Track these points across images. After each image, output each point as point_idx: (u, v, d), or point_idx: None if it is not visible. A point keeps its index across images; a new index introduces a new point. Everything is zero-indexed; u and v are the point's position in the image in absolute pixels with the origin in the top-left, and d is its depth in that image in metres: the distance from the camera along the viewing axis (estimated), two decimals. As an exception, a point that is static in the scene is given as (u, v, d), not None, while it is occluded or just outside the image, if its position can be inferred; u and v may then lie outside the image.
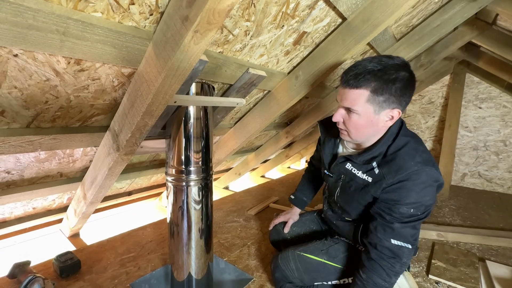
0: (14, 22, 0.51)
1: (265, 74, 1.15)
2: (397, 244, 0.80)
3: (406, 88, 0.75)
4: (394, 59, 0.76)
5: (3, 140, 0.78)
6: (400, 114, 0.79)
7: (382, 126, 0.81)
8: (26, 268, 1.09)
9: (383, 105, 0.76)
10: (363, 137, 0.85)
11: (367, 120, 0.79)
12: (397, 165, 0.78)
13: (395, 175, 0.78)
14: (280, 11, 0.87)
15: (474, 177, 2.61)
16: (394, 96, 0.75)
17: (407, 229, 0.79)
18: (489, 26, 1.65)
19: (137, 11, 0.63)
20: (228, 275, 1.27)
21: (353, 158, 0.88)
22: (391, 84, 0.74)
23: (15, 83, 0.67)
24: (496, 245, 1.50)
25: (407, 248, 0.80)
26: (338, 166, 0.95)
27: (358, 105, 0.78)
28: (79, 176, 1.28)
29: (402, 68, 0.75)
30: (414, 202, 0.77)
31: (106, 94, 0.86)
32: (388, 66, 0.74)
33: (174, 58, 0.63)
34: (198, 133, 0.98)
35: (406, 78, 0.75)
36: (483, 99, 2.46)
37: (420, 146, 0.82)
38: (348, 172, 0.91)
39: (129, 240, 1.46)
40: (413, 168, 0.76)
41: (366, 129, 0.81)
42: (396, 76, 0.74)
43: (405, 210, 0.78)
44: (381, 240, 0.81)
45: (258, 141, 2.30)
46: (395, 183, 0.78)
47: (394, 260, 0.81)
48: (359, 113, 0.79)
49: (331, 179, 0.99)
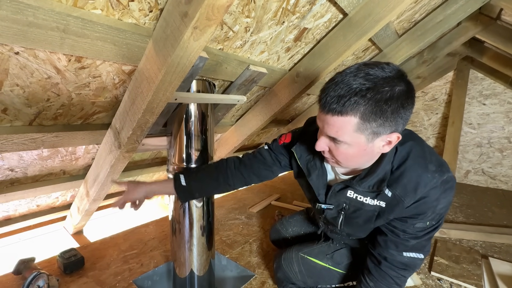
0: (14, 20, 0.51)
1: (266, 71, 1.15)
2: (410, 257, 0.75)
3: (405, 106, 0.58)
4: (384, 69, 0.58)
5: (6, 137, 0.79)
6: (399, 139, 0.63)
7: (377, 152, 0.67)
8: (30, 264, 1.11)
9: (378, 131, 0.60)
10: (355, 165, 0.72)
11: (358, 150, 0.63)
12: (413, 182, 0.66)
13: (414, 194, 0.67)
14: (281, 7, 0.86)
15: (477, 174, 2.58)
16: (390, 119, 0.58)
17: (422, 242, 0.75)
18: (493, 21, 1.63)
19: (136, 8, 0.63)
20: (230, 272, 1.27)
21: (354, 185, 0.73)
22: (386, 106, 0.56)
23: (17, 81, 0.68)
24: (499, 242, 1.48)
25: (420, 259, 0.76)
26: (337, 196, 0.78)
27: (345, 135, 0.61)
28: (82, 173, 1.29)
29: (397, 80, 0.57)
30: (431, 214, 0.70)
31: (107, 92, 0.86)
32: (379, 82, 0.56)
33: (174, 54, 0.63)
34: (199, 131, 0.99)
35: (404, 93, 0.57)
36: (487, 95, 2.43)
37: (424, 146, 0.71)
38: (352, 201, 0.76)
39: (132, 237, 1.47)
40: (432, 181, 0.66)
41: (358, 158, 0.67)
42: (391, 94, 0.56)
43: (421, 224, 0.71)
44: (393, 255, 0.76)
45: (260, 138, 2.30)
46: (416, 201, 0.68)
47: (405, 271, 0.77)
48: (347, 142, 0.62)
49: (331, 212, 0.83)
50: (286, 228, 1.23)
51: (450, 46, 1.85)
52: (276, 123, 2.06)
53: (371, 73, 0.57)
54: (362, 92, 0.56)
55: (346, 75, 0.59)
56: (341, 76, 0.59)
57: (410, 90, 0.59)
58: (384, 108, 0.57)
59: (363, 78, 0.57)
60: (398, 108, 0.58)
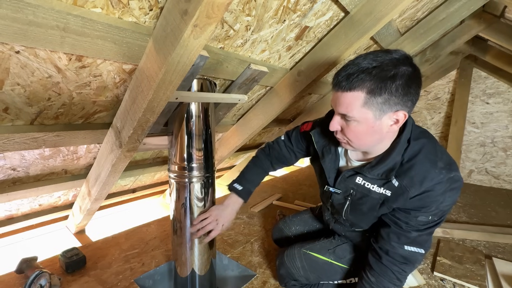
0: (14, 18, 0.51)
1: (267, 70, 1.14)
2: (410, 251, 0.76)
3: (409, 85, 0.63)
4: (392, 53, 0.65)
5: (7, 137, 0.79)
6: (406, 117, 0.67)
7: (387, 132, 0.70)
8: (33, 263, 1.11)
9: (384, 107, 0.65)
10: (367, 146, 0.74)
11: (367, 127, 0.68)
12: (420, 175, 0.69)
13: (419, 187, 0.69)
14: (281, 5, 0.86)
15: (481, 174, 2.56)
16: (395, 96, 0.63)
17: (424, 236, 0.76)
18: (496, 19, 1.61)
19: (136, 6, 0.63)
20: (231, 271, 1.27)
21: (365, 172, 0.76)
22: (390, 82, 0.62)
23: (18, 80, 0.68)
24: (503, 242, 1.47)
25: (420, 254, 0.77)
26: (346, 181, 0.82)
27: (354, 110, 0.66)
28: (84, 173, 1.29)
29: (403, 62, 0.63)
30: (434, 209, 0.72)
31: (108, 91, 0.86)
32: (385, 62, 0.63)
33: (174, 53, 0.63)
34: (200, 130, 0.98)
35: (408, 73, 0.63)
36: (491, 94, 2.41)
37: (436, 145, 0.74)
38: (360, 187, 0.79)
39: (133, 237, 1.48)
40: (439, 176, 0.68)
41: (369, 136, 0.70)
42: (395, 72, 0.62)
43: (423, 218, 0.73)
44: (395, 247, 0.77)
45: (261, 138, 2.30)
46: (420, 193, 0.71)
47: (406, 265, 0.78)
48: (356, 119, 0.67)
49: (338, 196, 0.87)
50: (290, 227, 1.23)
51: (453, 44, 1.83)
52: (277, 122, 2.06)
53: (379, 55, 0.64)
54: (369, 70, 0.63)
55: (357, 59, 0.66)
56: (353, 60, 0.67)
57: (415, 71, 0.65)
58: (389, 84, 0.62)
59: (371, 59, 0.64)
60: (403, 85, 0.63)
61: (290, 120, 2.19)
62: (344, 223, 0.93)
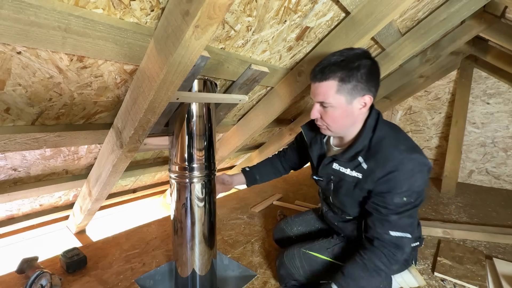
0: (16, 19, 0.51)
1: (267, 70, 1.14)
2: (396, 236, 0.81)
3: (371, 74, 0.79)
4: (354, 50, 0.81)
5: (9, 137, 0.79)
6: (371, 100, 0.82)
7: (358, 115, 0.84)
8: (34, 263, 1.11)
9: (353, 92, 0.79)
10: (342, 129, 0.87)
11: (342, 111, 0.82)
12: (383, 156, 0.80)
13: (383, 167, 0.79)
14: (282, 6, 0.86)
15: (481, 174, 2.56)
16: (361, 82, 0.78)
17: (404, 219, 0.81)
18: (497, 19, 1.61)
19: (138, 7, 0.63)
20: (232, 272, 1.27)
21: (339, 157, 0.89)
22: (356, 71, 0.77)
23: (19, 81, 0.68)
24: (504, 243, 1.47)
25: (407, 238, 0.81)
26: (326, 168, 0.94)
27: (330, 97, 0.80)
28: (84, 173, 1.29)
29: (363, 56, 0.79)
30: (406, 190, 0.78)
31: (109, 91, 0.87)
32: (350, 56, 0.78)
33: (175, 53, 0.63)
34: (201, 130, 0.98)
35: (369, 64, 0.79)
36: (491, 94, 2.41)
37: (401, 134, 0.84)
38: (337, 172, 0.91)
39: (134, 237, 1.48)
40: (399, 157, 0.77)
41: (343, 119, 0.84)
42: (359, 63, 0.77)
43: (398, 200, 0.79)
44: (380, 234, 0.82)
45: (262, 138, 2.30)
46: (385, 174, 0.79)
47: (396, 250, 0.82)
48: (332, 105, 0.81)
49: (322, 183, 0.99)
50: (291, 227, 1.23)
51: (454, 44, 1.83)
52: (278, 123, 2.06)
53: (345, 52, 0.80)
54: (338, 62, 0.79)
55: (328, 56, 0.82)
56: (325, 57, 0.82)
57: (374, 63, 0.81)
58: (355, 73, 0.77)
59: (339, 55, 0.80)
60: (366, 74, 0.78)
61: (291, 120, 2.19)
62: (337, 211, 1.02)
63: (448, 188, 2.33)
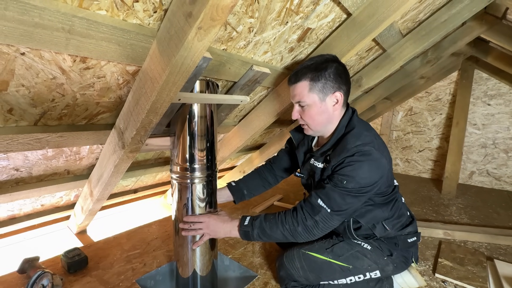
0: (20, 21, 0.51)
1: (269, 71, 1.15)
2: (319, 204, 0.87)
3: (338, 73, 0.90)
4: (324, 56, 0.93)
5: (11, 137, 0.80)
6: (342, 97, 0.92)
7: (333, 112, 0.93)
8: (35, 263, 1.11)
9: (324, 90, 0.90)
10: (320, 126, 0.96)
11: (317, 108, 0.92)
12: (341, 147, 0.88)
13: (338, 156, 0.87)
14: (284, 7, 0.86)
15: (482, 175, 2.56)
16: (329, 80, 0.89)
17: (335, 194, 0.85)
18: (498, 20, 1.61)
19: (141, 8, 0.63)
20: (233, 272, 1.27)
21: (315, 153, 0.99)
22: (323, 71, 0.89)
23: (23, 81, 0.68)
24: (505, 244, 1.47)
25: (326, 210, 0.86)
26: (306, 165, 1.04)
27: (304, 96, 0.91)
28: (86, 173, 1.29)
29: (331, 60, 0.91)
30: (348, 175, 0.84)
31: (112, 92, 0.87)
32: (319, 60, 0.91)
33: (178, 55, 0.64)
34: (202, 131, 0.99)
35: (336, 65, 0.90)
36: (492, 95, 2.41)
37: (364, 131, 0.91)
38: (313, 167, 0.99)
39: (135, 237, 1.48)
40: (353, 148, 0.85)
41: (319, 116, 0.93)
42: (326, 65, 0.90)
43: (339, 179, 0.86)
44: (311, 195, 0.90)
45: (263, 139, 2.30)
46: (338, 162, 0.87)
47: (309, 215, 0.88)
48: (308, 103, 0.92)
49: (303, 180, 1.08)
50: None
51: (455, 46, 1.83)
52: (278, 123, 2.06)
53: (315, 58, 0.93)
54: (309, 66, 0.92)
55: (302, 63, 0.94)
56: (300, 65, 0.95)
57: (340, 65, 0.92)
58: (323, 73, 0.89)
59: (310, 60, 0.94)
60: (333, 73, 0.90)
61: (291, 121, 2.19)
62: None
63: (449, 189, 2.33)
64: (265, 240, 0.95)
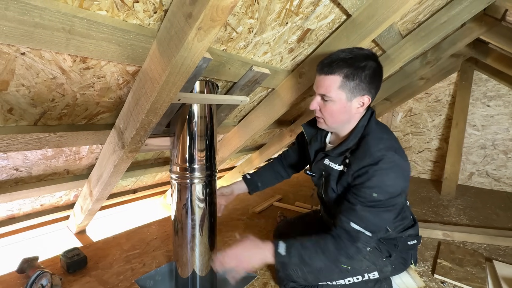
0: (21, 21, 0.51)
1: (269, 72, 1.15)
2: (355, 228, 0.80)
3: (374, 76, 0.82)
4: (364, 50, 0.84)
5: (11, 137, 0.80)
6: (370, 101, 0.85)
7: (354, 113, 0.87)
8: (34, 263, 1.11)
9: (354, 91, 0.82)
10: (337, 124, 0.90)
11: (340, 107, 0.85)
12: (363, 152, 0.83)
13: (360, 162, 0.82)
14: (284, 8, 0.86)
15: (481, 176, 2.56)
16: (363, 83, 0.81)
17: (368, 214, 0.80)
18: (498, 22, 1.62)
19: (141, 9, 0.64)
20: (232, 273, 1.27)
21: (330, 153, 0.93)
22: (361, 71, 0.80)
23: (23, 81, 0.68)
24: (504, 245, 1.47)
25: (365, 235, 0.80)
26: (318, 164, 0.98)
27: (332, 91, 0.83)
28: (85, 173, 1.29)
29: (371, 58, 0.82)
30: (375, 186, 0.79)
31: (111, 92, 0.87)
32: (359, 55, 0.81)
33: (178, 55, 0.64)
34: (202, 131, 0.99)
35: (374, 67, 0.82)
36: (492, 97, 2.41)
37: (385, 134, 0.86)
38: (327, 168, 0.94)
39: (134, 237, 1.48)
40: (377, 154, 0.80)
41: (340, 115, 0.87)
42: (365, 64, 0.81)
43: (368, 193, 0.79)
44: (343, 221, 0.82)
45: (262, 139, 2.30)
46: (360, 168, 0.81)
47: (349, 243, 0.81)
48: (333, 99, 0.84)
49: (314, 178, 1.02)
50: (291, 229, 1.24)
51: (454, 47, 1.84)
52: (278, 124, 2.06)
53: (354, 50, 0.83)
54: (346, 59, 0.81)
55: (337, 51, 0.84)
56: (334, 52, 0.85)
57: (379, 66, 0.85)
58: (360, 72, 0.81)
59: (348, 52, 0.83)
60: (370, 75, 0.82)
61: (291, 122, 2.20)
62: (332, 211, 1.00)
63: (448, 190, 2.33)
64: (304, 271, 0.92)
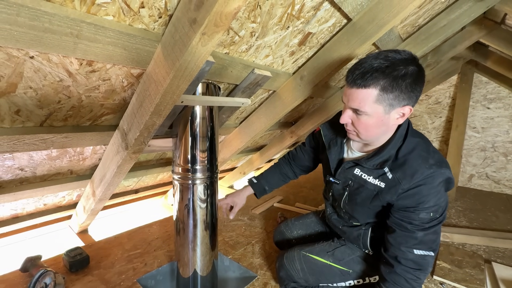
0: (31, 26, 0.53)
1: (270, 75, 1.16)
2: (420, 254, 0.77)
3: (416, 83, 0.71)
4: (401, 53, 0.71)
5: (18, 138, 0.81)
6: (411, 111, 0.75)
7: (392, 125, 0.77)
8: (37, 262, 1.13)
9: (393, 103, 0.71)
10: (373, 137, 0.80)
11: (377, 120, 0.74)
12: (412, 168, 0.75)
13: (411, 179, 0.74)
14: (286, 13, 0.88)
15: (481, 178, 2.57)
16: (404, 92, 0.70)
17: (429, 235, 0.76)
18: (497, 25, 1.63)
19: (146, 14, 0.65)
20: (233, 273, 1.29)
21: (362, 163, 0.83)
22: (401, 81, 0.69)
23: (31, 84, 0.70)
24: (503, 247, 1.48)
25: (431, 256, 0.77)
26: (346, 172, 0.89)
27: (366, 105, 0.72)
28: (89, 173, 1.31)
29: (411, 62, 0.70)
30: (433, 205, 0.75)
31: (116, 94, 0.89)
32: (396, 62, 0.69)
33: (182, 59, 0.65)
34: (204, 133, 1.00)
35: (416, 72, 0.70)
36: (492, 99, 2.42)
37: (430, 146, 0.80)
38: (358, 178, 0.85)
39: (136, 237, 1.49)
40: (429, 171, 0.73)
41: (377, 129, 0.77)
42: (405, 71, 0.69)
43: (425, 215, 0.75)
44: (404, 253, 0.77)
45: (263, 140, 2.32)
46: (412, 188, 0.75)
47: (419, 272, 0.78)
48: (368, 113, 0.73)
49: (337, 186, 0.94)
50: (291, 230, 1.24)
51: (454, 50, 1.85)
52: (279, 125, 2.07)
53: (389, 56, 0.70)
54: (382, 69, 0.69)
55: (369, 58, 0.72)
56: (365, 59, 0.72)
57: (420, 71, 0.72)
58: (400, 82, 0.69)
59: (383, 59, 0.70)
60: (411, 83, 0.70)
61: (292, 123, 2.21)
62: (343, 215, 0.98)
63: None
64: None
